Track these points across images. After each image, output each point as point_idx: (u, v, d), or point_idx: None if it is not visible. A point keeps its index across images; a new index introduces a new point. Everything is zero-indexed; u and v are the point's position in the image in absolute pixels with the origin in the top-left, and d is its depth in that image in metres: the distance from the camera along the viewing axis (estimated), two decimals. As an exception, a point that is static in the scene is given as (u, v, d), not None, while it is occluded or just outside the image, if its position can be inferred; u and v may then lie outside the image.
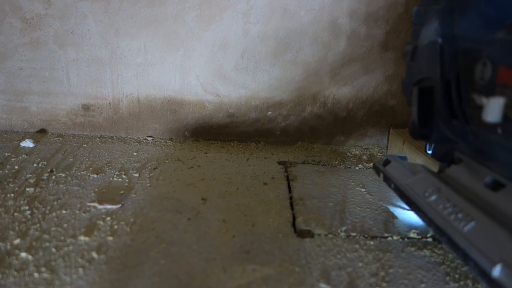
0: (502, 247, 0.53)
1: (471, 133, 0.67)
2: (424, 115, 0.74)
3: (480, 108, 0.59)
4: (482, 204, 0.64)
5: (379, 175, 0.89)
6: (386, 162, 0.88)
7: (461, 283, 0.68)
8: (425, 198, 0.71)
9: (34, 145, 1.27)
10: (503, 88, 0.54)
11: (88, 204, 0.90)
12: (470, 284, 0.68)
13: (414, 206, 0.73)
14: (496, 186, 0.65)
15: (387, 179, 0.85)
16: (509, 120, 0.54)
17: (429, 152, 0.86)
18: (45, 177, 1.04)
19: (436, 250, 0.77)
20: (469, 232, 0.59)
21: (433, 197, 0.70)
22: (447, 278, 0.69)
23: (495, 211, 0.62)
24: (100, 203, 0.90)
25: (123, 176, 1.07)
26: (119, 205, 0.90)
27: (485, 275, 0.53)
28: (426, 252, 0.77)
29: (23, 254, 0.71)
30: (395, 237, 0.82)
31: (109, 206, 0.89)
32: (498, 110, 0.54)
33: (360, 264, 0.72)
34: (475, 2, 0.63)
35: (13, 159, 1.15)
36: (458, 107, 0.67)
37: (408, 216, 0.92)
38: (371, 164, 0.93)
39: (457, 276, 0.70)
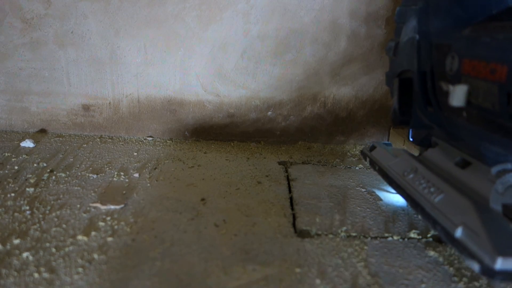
0: (463, 213, 0.63)
1: (443, 118, 0.75)
2: (403, 104, 0.83)
3: (448, 95, 0.68)
4: (452, 180, 0.74)
5: (365, 159, 1.00)
6: (372, 148, 0.99)
7: (462, 283, 0.68)
8: (404, 177, 0.81)
9: (34, 145, 1.27)
10: (467, 77, 0.62)
11: (90, 204, 0.90)
12: (471, 285, 0.68)
13: (394, 185, 0.84)
14: (464, 164, 0.75)
15: (372, 163, 0.95)
16: (472, 105, 0.62)
17: (411, 139, 0.96)
18: (45, 177, 1.04)
19: (437, 250, 0.77)
20: (438, 203, 0.69)
21: (411, 176, 0.80)
22: (448, 278, 0.69)
23: (462, 185, 0.71)
24: (103, 203, 0.90)
25: (123, 176, 1.07)
26: (122, 205, 0.90)
27: (449, 236, 0.63)
28: (427, 252, 0.77)
29: (23, 254, 0.71)
30: (395, 237, 0.82)
31: (113, 207, 0.89)
32: (462, 96, 0.62)
33: (360, 264, 0.72)
34: (447, 3, 0.71)
35: (13, 159, 1.15)
36: (432, 96, 0.75)
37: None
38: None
39: (458, 276, 0.70)
